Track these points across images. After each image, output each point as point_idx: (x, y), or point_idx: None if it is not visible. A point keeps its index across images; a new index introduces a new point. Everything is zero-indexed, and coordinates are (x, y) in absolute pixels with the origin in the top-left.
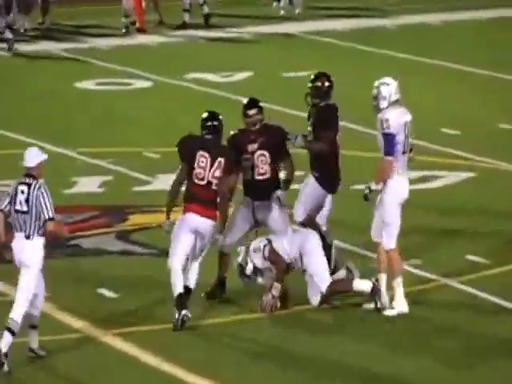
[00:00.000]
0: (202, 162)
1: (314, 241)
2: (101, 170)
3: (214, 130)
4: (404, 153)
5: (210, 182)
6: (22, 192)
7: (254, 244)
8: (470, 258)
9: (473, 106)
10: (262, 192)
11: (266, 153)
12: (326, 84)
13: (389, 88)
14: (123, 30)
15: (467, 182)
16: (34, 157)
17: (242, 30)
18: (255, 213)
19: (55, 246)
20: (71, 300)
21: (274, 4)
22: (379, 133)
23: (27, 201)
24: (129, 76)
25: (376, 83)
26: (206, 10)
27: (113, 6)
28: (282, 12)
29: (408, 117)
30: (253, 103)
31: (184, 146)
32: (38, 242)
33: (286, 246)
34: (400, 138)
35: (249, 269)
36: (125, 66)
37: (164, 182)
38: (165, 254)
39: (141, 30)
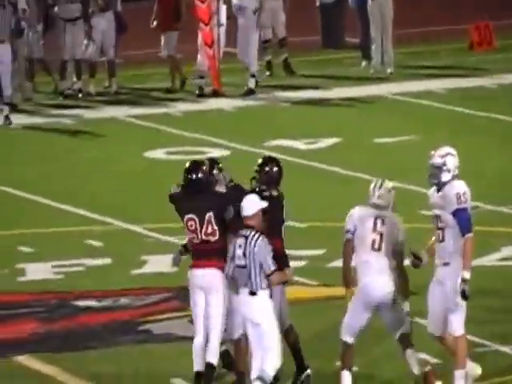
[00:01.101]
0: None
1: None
2: (173, 248)
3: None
4: None
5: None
6: (240, 246)
7: None
8: None
9: None
10: None
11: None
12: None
13: (454, 160)
14: (197, 92)
15: None
16: (252, 205)
17: (327, 92)
18: None
19: (124, 333)
20: None
21: (363, 63)
22: (445, 210)
23: (244, 254)
24: (203, 144)
25: (441, 152)
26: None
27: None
28: (372, 71)
29: None
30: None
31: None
32: (264, 297)
33: None
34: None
35: None
36: (198, 132)
37: None
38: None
39: (217, 93)
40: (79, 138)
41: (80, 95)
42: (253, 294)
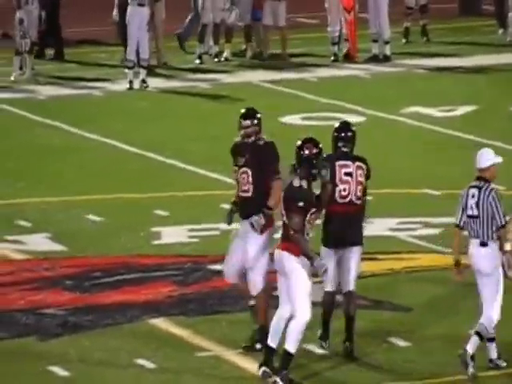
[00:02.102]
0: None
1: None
2: None
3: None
4: None
5: None
6: (473, 196)
7: None
8: None
9: None
10: (242, 210)
11: (248, 170)
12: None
13: None
14: (332, 59)
15: None
16: (486, 158)
17: (464, 60)
18: (240, 233)
19: None
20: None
21: (500, 31)
22: None
23: (477, 205)
24: (338, 110)
25: None
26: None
27: (320, 33)
28: (509, 39)
29: None
30: (248, 113)
31: None
32: (493, 249)
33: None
34: None
35: None
36: (334, 99)
37: (378, 226)
38: (378, 305)
39: (351, 58)
40: (216, 101)
41: (216, 59)
42: (483, 244)
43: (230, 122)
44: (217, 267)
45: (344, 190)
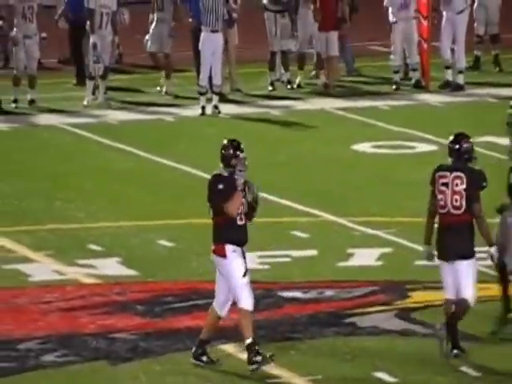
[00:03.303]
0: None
1: None
2: (379, 242)
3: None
4: None
5: None
6: None
7: None
8: None
9: None
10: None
11: None
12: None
13: None
14: (393, 87)
15: None
16: None
17: None
18: None
19: (329, 324)
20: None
21: None
22: None
23: None
24: (410, 138)
25: None
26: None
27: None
28: None
29: None
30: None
31: None
32: None
33: None
34: None
35: None
36: (405, 126)
37: None
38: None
39: (421, 87)
40: (288, 128)
41: (288, 86)
42: None
43: (300, 149)
44: (287, 294)
45: (441, 199)
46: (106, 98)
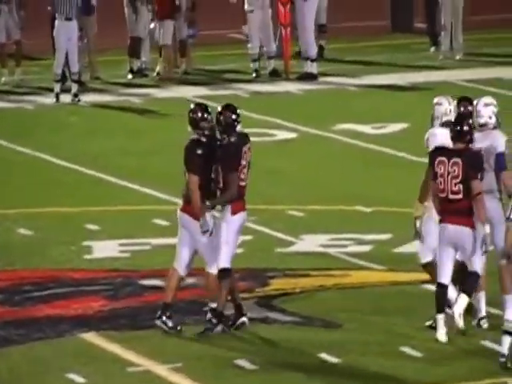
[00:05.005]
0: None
1: None
2: None
3: None
4: None
5: None
6: None
7: None
8: None
9: None
10: None
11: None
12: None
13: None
14: (253, 75)
15: None
16: None
17: (395, 77)
18: None
19: (190, 312)
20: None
21: (432, 49)
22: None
23: None
24: (270, 126)
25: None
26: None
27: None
28: (441, 57)
29: None
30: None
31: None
32: None
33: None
34: None
35: None
36: (266, 115)
37: (309, 242)
38: (309, 321)
39: (277, 75)
40: (149, 116)
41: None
42: None
43: (158, 137)
44: (148, 282)
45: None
46: None
